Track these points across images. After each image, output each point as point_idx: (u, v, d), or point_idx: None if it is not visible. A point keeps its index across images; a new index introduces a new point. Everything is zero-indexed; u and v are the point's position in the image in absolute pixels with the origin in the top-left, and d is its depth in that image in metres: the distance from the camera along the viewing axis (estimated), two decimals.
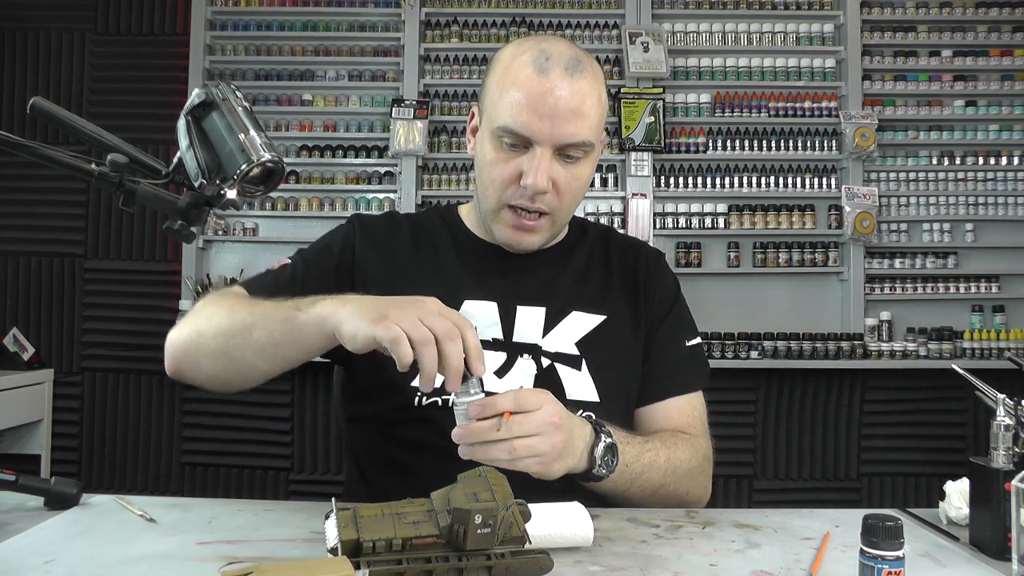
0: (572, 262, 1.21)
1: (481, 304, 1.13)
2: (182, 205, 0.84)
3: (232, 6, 3.36)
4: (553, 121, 1.03)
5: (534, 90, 1.03)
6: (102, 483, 3.26)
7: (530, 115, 1.03)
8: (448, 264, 1.18)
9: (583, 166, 1.09)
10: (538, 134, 1.04)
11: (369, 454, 1.16)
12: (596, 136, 1.08)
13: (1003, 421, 0.91)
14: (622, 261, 1.23)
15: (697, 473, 1.11)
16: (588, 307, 1.16)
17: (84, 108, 3.32)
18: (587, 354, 1.13)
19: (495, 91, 1.08)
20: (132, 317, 3.30)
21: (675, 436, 1.12)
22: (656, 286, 1.22)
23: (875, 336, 3.21)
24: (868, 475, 3.29)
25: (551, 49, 1.06)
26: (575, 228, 1.26)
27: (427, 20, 3.37)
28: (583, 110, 1.05)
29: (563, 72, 1.04)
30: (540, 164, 1.04)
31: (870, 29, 3.36)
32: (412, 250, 1.18)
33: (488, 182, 1.10)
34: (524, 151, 1.06)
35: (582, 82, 1.05)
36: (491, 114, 1.08)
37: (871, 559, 0.73)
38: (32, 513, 0.99)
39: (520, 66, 1.06)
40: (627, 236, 1.32)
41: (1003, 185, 3.32)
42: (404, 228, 1.21)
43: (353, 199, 3.31)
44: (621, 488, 1.02)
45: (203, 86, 0.84)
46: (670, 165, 3.33)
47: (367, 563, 0.74)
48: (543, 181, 1.04)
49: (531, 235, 1.11)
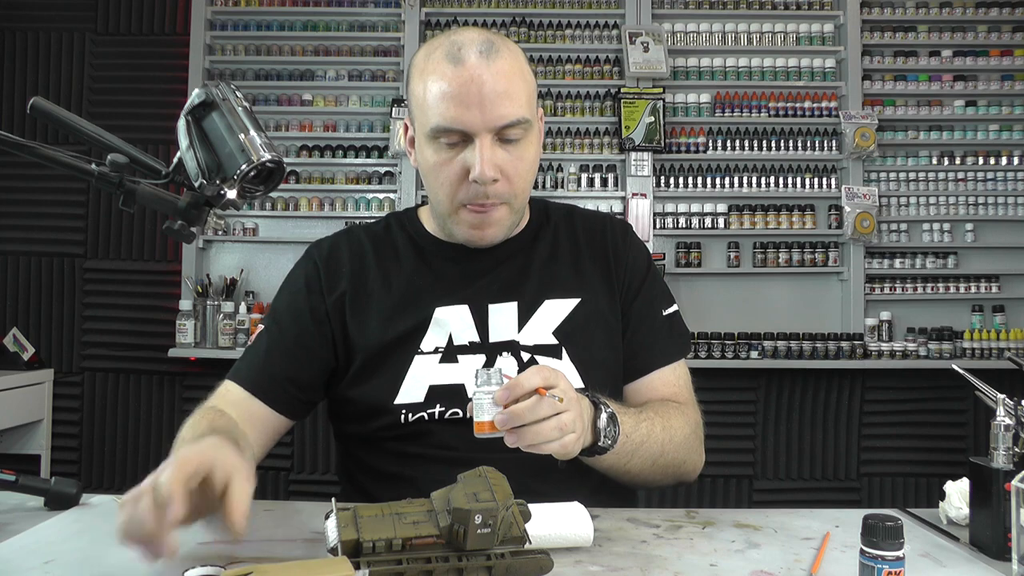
0: (538, 250, 1.19)
1: (453, 309, 1.12)
2: (182, 205, 0.84)
3: (232, 6, 3.36)
4: (482, 107, 1.02)
5: (455, 82, 1.02)
6: (102, 483, 3.26)
7: (459, 108, 1.02)
8: (414, 274, 1.16)
9: (526, 146, 1.07)
10: (472, 124, 1.02)
11: (361, 466, 1.16)
12: (530, 112, 1.07)
13: (1003, 421, 0.91)
14: (589, 237, 1.21)
15: (692, 439, 1.11)
16: (560, 293, 1.15)
17: (84, 108, 3.32)
18: (566, 342, 1.12)
19: (419, 95, 1.06)
20: (132, 317, 3.30)
21: (665, 405, 1.12)
22: (626, 259, 1.20)
23: (875, 336, 3.21)
24: (868, 475, 3.29)
25: (461, 39, 1.05)
26: (538, 212, 1.23)
27: (427, 20, 3.37)
28: (510, 89, 1.03)
29: (479, 57, 1.03)
30: (483, 153, 1.02)
31: (870, 29, 3.36)
32: (377, 268, 1.16)
33: (437, 186, 1.08)
34: (464, 146, 1.05)
35: (500, 62, 1.03)
36: (421, 119, 1.07)
37: (871, 559, 0.73)
38: (32, 513, 0.99)
39: (435, 63, 1.04)
40: (592, 211, 1.28)
41: (1003, 185, 3.32)
42: (365, 245, 1.18)
43: (353, 199, 3.31)
44: (623, 461, 1.01)
45: (203, 86, 0.85)
46: (670, 165, 3.33)
47: (367, 563, 0.74)
48: (490, 169, 1.03)
49: (491, 228, 1.10)
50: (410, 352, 1.10)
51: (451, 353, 1.10)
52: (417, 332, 1.11)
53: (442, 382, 1.09)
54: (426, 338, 1.11)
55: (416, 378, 1.09)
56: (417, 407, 1.08)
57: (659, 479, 1.10)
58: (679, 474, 1.11)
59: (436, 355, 1.10)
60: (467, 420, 1.04)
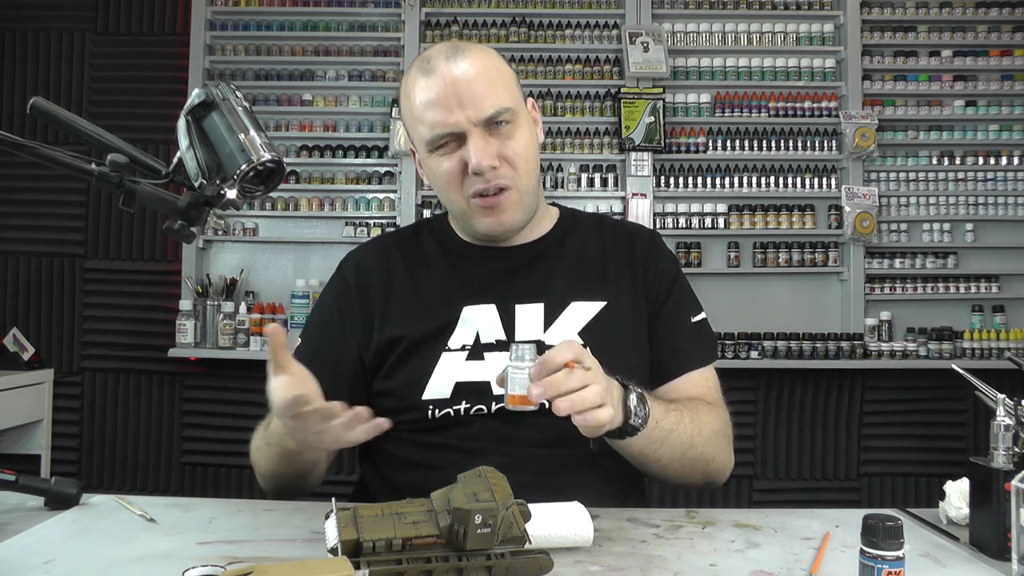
0: (565, 253, 1.21)
1: (480, 308, 1.15)
2: (182, 205, 0.84)
3: (232, 6, 3.36)
4: (463, 105, 1.07)
5: (432, 90, 1.08)
6: (102, 483, 3.25)
7: (442, 112, 1.07)
8: (443, 277, 1.20)
9: (517, 131, 1.12)
10: (459, 123, 1.07)
11: (385, 456, 1.18)
12: (512, 100, 1.11)
13: (1003, 421, 0.92)
14: (617, 244, 1.24)
15: (720, 436, 1.12)
16: (587, 295, 1.17)
17: (84, 108, 3.31)
18: (591, 342, 1.13)
19: (409, 119, 1.14)
20: (132, 317, 3.30)
21: (694, 401, 1.13)
22: (655, 266, 1.22)
23: (875, 336, 3.21)
24: (868, 475, 3.29)
25: (429, 53, 1.12)
26: (566, 218, 1.27)
27: (427, 20, 3.37)
28: (485, 81, 1.08)
29: (446, 61, 1.09)
30: (476, 144, 1.07)
31: (870, 29, 3.35)
32: (405, 271, 1.21)
33: (448, 189, 1.13)
34: (459, 145, 1.09)
35: (467, 60, 1.09)
36: (418, 137, 1.13)
37: (871, 559, 0.73)
38: (32, 513, 1.00)
39: (413, 82, 1.11)
40: (620, 220, 1.34)
41: (1003, 185, 3.32)
42: (393, 253, 1.24)
43: (353, 199, 3.31)
44: (652, 447, 1.02)
45: (203, 86, 0.85)
46: (670, 165, 3.32)
47: (367, 563, 0.74)
48: (486, 158, 1.07)
49: (506, 214, 1.13)
50: (438, 349, 1.13)
51: (478, 351, 1.13)
52: (445, 330, 1.14)
53: (469, 379, 1.11)
54: (454, 336, 1.14)
55: (443, 375, 1.12)
56: (444, 403, 1.11)
57: (689, 474, 1.10)
58: (708, 472, 1.12)
59: (463, 352, 1.13)
60: (492, 415, 1.09)
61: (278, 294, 3.28)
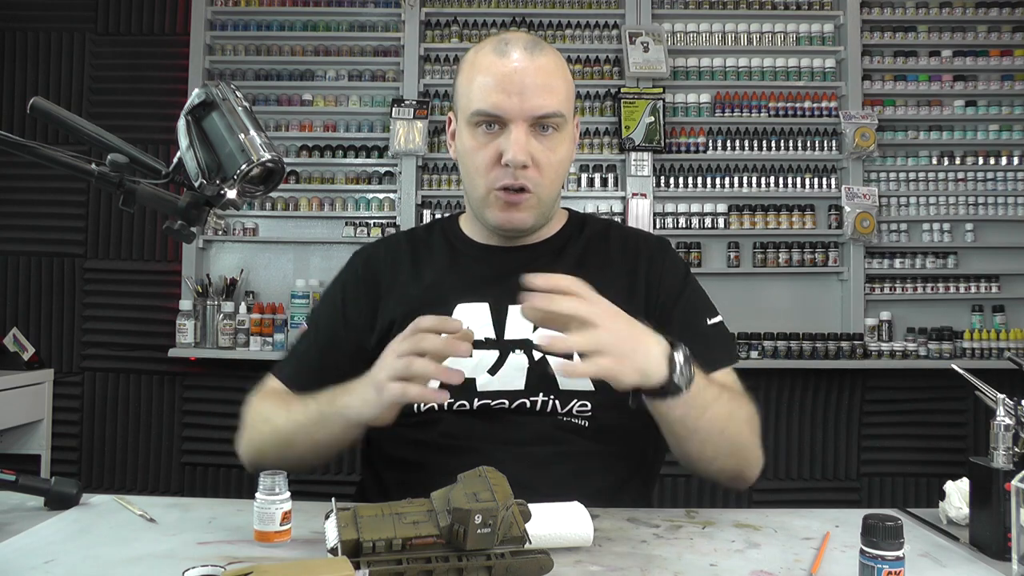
0: (565, 257, 1.21)
1: (473, 306, 1.15)
2: (182, 205, 0.84)
3: (232, 6, 3.36)
4: (522, 96, 1.08)
5: (499, 71, 1.09)
6: (102, 483, 3.25)
7: (499, 94, 1.08)
8: (443, 271, 1.21)
9: (559, 142, 1.13)
10: (510, 111, 1.08)
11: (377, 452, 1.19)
12: (566, 109, 1.12)
13: (1003, 421, 0.92)
14: (621, 252, 1.23)
15: (753, 424, 1.09)
16: None
17: (84, 108, 3.31)
18: None
19: (464, 85, 1.14)
20: (132, 317, 3.30)
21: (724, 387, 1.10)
22: (663, 273, 1.22)
23: (875, 336, 3.21)
24: (868, 475, 3.29)
25: (509, 36, 1.13)
26: (573, 223, 1.27)
27: (427, 20, 3.37)
28: (550, 83, 1.10)
29: (524, 51, 1.10)
30: (517, 138, 1.08)
31: (870, 29, 3.36)
32: (411, 265, 1.23)
33: (472, 170, 1.14)
34: (500, 132, 1.10)
35: (543, 58, 1.11)
36: (464, 106, 1.13)
37: (871, 559, 0.73)
38: (32, 513, 1.00)
39: (483, 55, 1.12)
40: (630, 229, 1.32)
41: (1003, 185, 3.32)
42: (403, 246, 1.26)
43: (353, 199, 3.31)
44: (694, 416, 0.98)
45: (203, 86, 0.85)
46: (670, 165, 3.32)
47: (367, 563, 0.74)
48: (522, 154, 1.08)
49: (520, 212, 1.13)
50: None
51: None
52: None
53: None
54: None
55: None
56: None
57: (724, 459, 1.07)
58: (740, 460, 1.08)
59: None
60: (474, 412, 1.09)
61: (278, 294, 3.28)
